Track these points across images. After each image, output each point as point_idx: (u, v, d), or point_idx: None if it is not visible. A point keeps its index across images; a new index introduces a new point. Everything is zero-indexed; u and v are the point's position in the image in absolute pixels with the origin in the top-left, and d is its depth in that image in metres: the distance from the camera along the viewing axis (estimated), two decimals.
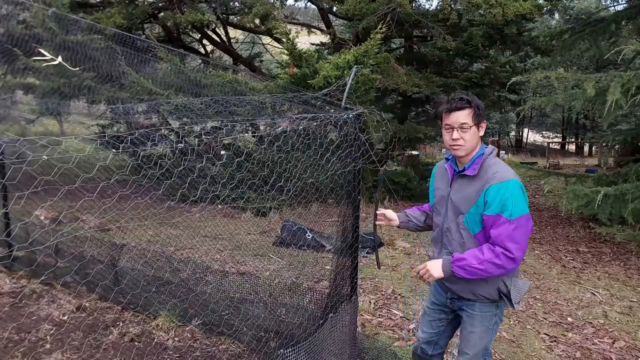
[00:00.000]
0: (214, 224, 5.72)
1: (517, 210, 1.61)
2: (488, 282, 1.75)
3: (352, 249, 2.29)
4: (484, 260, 1.61)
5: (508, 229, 1.60)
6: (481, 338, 1.82)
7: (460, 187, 1.76)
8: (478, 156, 1.73)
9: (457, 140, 1.70)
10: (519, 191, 1.64)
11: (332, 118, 2.16)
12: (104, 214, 4.91)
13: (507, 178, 1.64)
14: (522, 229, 1.62)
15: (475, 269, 1.63)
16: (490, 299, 1.77)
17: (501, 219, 1.61)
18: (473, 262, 1.62)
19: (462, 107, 1.68)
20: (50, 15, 5.18)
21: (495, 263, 1.60)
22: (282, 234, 5.10)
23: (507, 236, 1.60)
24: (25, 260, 3.69)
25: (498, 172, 1.67)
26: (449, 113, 1.71)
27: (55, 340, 2.69)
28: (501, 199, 1.62)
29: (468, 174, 1.72)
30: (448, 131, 1.73)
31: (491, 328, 1.83)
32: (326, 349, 2.26)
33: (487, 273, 1.63)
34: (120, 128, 7.49)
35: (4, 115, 4.87)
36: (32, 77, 6.11)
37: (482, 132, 1.74)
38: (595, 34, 6.76)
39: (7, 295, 3.30)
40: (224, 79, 5.90)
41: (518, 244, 1.61)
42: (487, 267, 1.61)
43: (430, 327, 2.03)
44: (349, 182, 2.20)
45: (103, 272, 3.19)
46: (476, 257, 1.63)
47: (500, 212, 1.61)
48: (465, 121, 1.69)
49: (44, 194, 2.03)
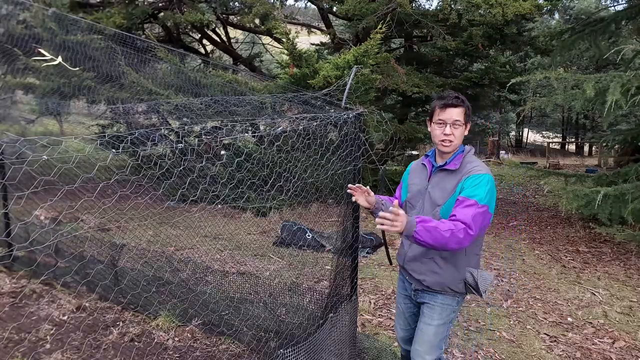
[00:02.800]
0: (214, 224, 5.72)
1: (487, 199, 1.68)
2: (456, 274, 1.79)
3: (352, 249, 2.29)
4: (448, 229, 1.58)
5: (475, 211, 1.64)
6: (436, 332, 1.84)
7: (439, 180, 1.82)
8: (459, 153, 1.82)
9: (449, 136, 1.76)
10: (492, 186, 1.73)
11: (332, 118, 2.16)
12: (104, 213, 4.92)
13: (484, 172, 1.74)
14: (482, 217, 1.67)
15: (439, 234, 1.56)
16: (456, 291, 1.82)
17: (471, 201, 1.66)
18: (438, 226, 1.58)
19: (457, 105, 1.76)
20: (50, 15, 5.18)
21: (457, 236, 1.58)
22: (282, 234, 5.10)
23: (472, 216, 1.64)
24: (25, 260, 3.69)
25: (477, 166, 1.76)
26: (444, 108, 1.76)
27: (55, 340, 2.69)
28: (476, 185, 1.69)
29: (449, 168, 1.80)
30: (440, 126, 1.78)
31: (447, 324, 1.87)
32: (326, 349, 2.26)
33: (445, 242, 1.57)
34: (120, 128, 7.49)
35: (4, 115, 4.87)
36: (32, 77, 6.11)
37: (466, 132, 1.82)
38: (595, 33, 6.76)
39: (7, 295, 3.30)
40: (224, 79, 5.90)
41: (476, 227, 1.64)
42: (450, 237, 1.57)
43: (407, 324, 2.05)
44: (349, 182, 2.20)
45: (103, 272, 3.19)
46: (441, 224, 1.60)
47: (472, 195, 1.68)
48: (458, 118, 1.76)
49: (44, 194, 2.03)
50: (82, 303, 3.15)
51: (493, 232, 6.27)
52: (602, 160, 15.41)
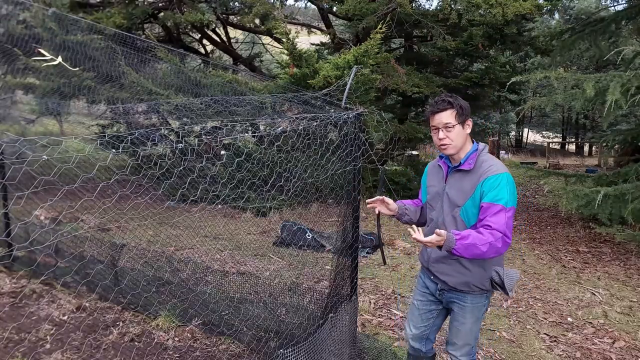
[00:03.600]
0: (214, 224, 5.72)
1: (512, 200, 1.71)
2: (482, 273, 1.82)
3: (352, 249, 2.29)
4: (486, 242, 1.64)
5: (505, 216, 1.68)
6: (471, 329, 1.91)
7: (455, 181, 1.84)
8: (472, 152, 1.83)
9: (444, 140, 1.80)
10: (512, 184, 1.75)
11: (332, 118, 2.16)
12: (104, 213, 4.92)
13: (502, 171, 1.75)
14: (512, 218, 1.72)
15: (477, 249, 1.63)
16: (483, 289, 1.85)
17: (498, 207, 1.69)
18: (477, 242, 1.64)
19: (444, 109, 1.79)
20: (50, 15, 5.18)
21: (496, 246, 1.65)
22: (282, 234, 5.10)
23: (504, 223, 1.68)
24: (25, 260, 3.69)
25: (493, 165, 1.77)
26: (433, 115, 1.82)
27: (56, 340, 2.69)
28: (498, 188, 1.71)
29: (464, 169, 1.81)
30: (434, 132, 1.84)
31: (480, 317, 1.92)
32: (326, 349, 2.26)
33: (482, 254, 1.65)
34: (120, 128, 7.49)
35: (4, 115, 4.87)
36: (32, 77, 6.11)
37: (468, 129, 1.83)
38: (595, 34, 6.76)
39: (7, 295, 3.30)
40: (224, 79, 5.90)
41: (511, 232, 1.70)
42: (488, 249, 1.64)
43: (421, 321, 2.05)
44: (348, 182, 2.20)
45: (103, 272, 3.19)
46: (479, 238, 1.65)
47: (497, 200, 1.70)
48: (448, 121, 1.78)
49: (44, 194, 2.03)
50: (82, 303, 3.16)
51: None
52: (602, 160, 15.41)
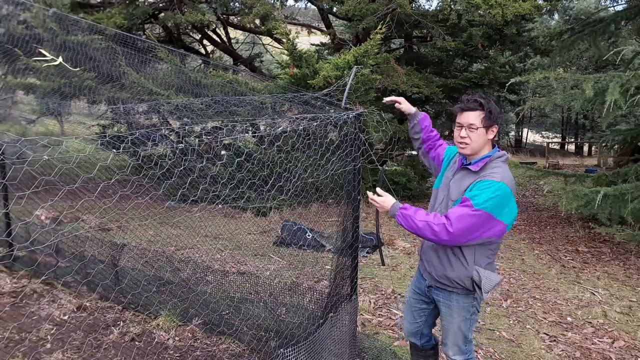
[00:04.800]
0: (214, 224, 5.72)
1: (485, 205, 1.66)
2: (464, 270, 1.82)
3: (352, 249, 2.30)
4: (424, 220, 1.70)
5: (464, 210, 1.67)
6: (460, 328, 1.92)
7: (460, 178, 1.85)
8: (486, 156, 1.81)
9: (464, 139, 1.80)
10: (502, 195, 1.68)
11: (332, 118, 2.17)
12: (104, 213, 4.93)
13: (498, 179, 1.71)
14: (476, 220, 1.66)
15: (413, 222, 1.72)
16: (465, 288, 1.85)
17: (467, 202, 1.69)
18: (415, 217, 1.72)
19: (473, 109, 1.78)
20: (51, 16, 5.19)
21: (433, 229, 1.68)
22: (282, 233, 5.11)
23: (459, 214, 1.67)
24: (26, 260, 3.69)
25: (495, 173, 1.74)
26: (461, 112, 1.82)
27: (56, 340, 2.69)
28: (481, 190, 1.69)
29: (471, 169, 1.81)
30: (458, 129, 1.83)
31: (469, 318, 1.91)
32: (326, 349, 2.26)
33: (421, 233, 1.72)
34: (121, 128, 7.50)
35: (5, 116, 4.88)
36: (33, 77, 6.11)
37: (491, 135, 1.81)
38: (595, 34, 6.77)
39: (8, 295, 3.31)
40: (224, 79, 5.90)
41: (462, 228, 1.66)
42: (424, 227, 1.70)
43: (413, 318, 2.11)
44: (348, 182, 2.21)
45: (104, 271, 3.19)
46: (421, 214, 1.73)
47: (471, 197, 1.69)
48: (473, 122, 1.77)
49: (44, 194, 2.04)
50: (83, 303, 3.16)
51: None
52: (601, 160, 15.41)
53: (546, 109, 5.75)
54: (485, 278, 1.79)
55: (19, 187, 1.87)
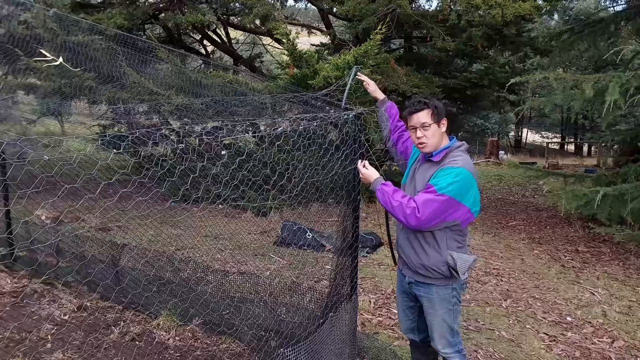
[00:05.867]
0: (214, 224, 5.73)
1: (447, 189, 1.76)
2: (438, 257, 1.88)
3: (352, 249, 2.31)
4: (400, 202, 1.80)
5: (428, 197, 1.77)
6: (444, 320, 1.96)
7: (424, 170, 1.96)
8: (446, 147, 1.93)
9: (421, 138, 1.91)
10: (463, 179, 1.79)
11: (332, 118, 2.18)
12: (105, 213, 4.93)
13: (459, 165, 1.82)
14: (439, 205, 1.76)
15: (389, 200, 1.82)
16: (443, 276, 1.91)
17: (430, 188, 1.79)
18: (392, 195, 1.82)
19: (420, 109, 1.91)
20: (52, 16, 5.19)
21: (405, 211, 1.78)
22: (283, 233, 5.11)
23: (424, 199, 1.77)
24: (26, 260, 3.70)
25: (456, 160, 1.85)
26: (410, 115, 1.94)
27: (57, 340, 2.70)
28: (443, 176, 1.80)
29: (433, 160, 1.92)
30: (412, 131, 1.95)
31: (451, 309, 1.96)
32: (326, 348, 2.27)
33: (394, 212, 1.82)
34: (122, 128, 7.51)
35: (6, 116, 4.88)
36: (34, 77, 6.11)
37: (443, 128, 1.93)
38: (595, 34, 6.78)
39: (9, 294, 3.31)
40: (224, 80, 5.91)
41: (427, 212, 1.75)
42: (397, 206, 1.80)
43: (405, 315, 2.17)
44: (348, 182, 2.21)
45: (104, 271, 3.20)
46: (398, 195, 1.83)
47: (434, 183, 1.80)
48: (425, 120, 1.90)
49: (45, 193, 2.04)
50: (83, 303, 3.17)
51: (492, 232, 6.29)
52: (601, 160, 15.42)
53: (546, 109, 5.76)
54: (459, 259, 1.86)
55: (20, 187, 1.87)
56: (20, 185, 1.87)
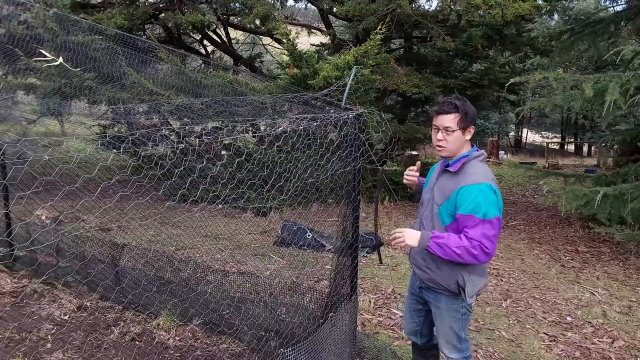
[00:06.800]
0: (214, 224, 5.73)
1: (485, 210, 1.70)
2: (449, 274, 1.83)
3: (352, 249, 2.31)
4: (462, 246, 1.69)
5: (483, 228, 1.69)
6: (451, 328, 1.93)
7: (443, 181, 1.88)
8: (463, 156, 1.84)
9: (441, 141, 1.83)
10: (491, 194, 1.73)
11: (332, 118, 2.18)
12: (105, 213, 4.93)
13: (479, 181, 1.73)
14: (495, 229, 1.72)
15: (452, 250, 1.70)
16: (451, 291, 1.86)
17: (475, 220, 1.70)
18: (451, 244, 1.70)
19: (448, 111, 1.80)
20: (52, 16, 5.19)
21: (472, 252, 1.69)
22: (283, 233, 5.11)
23: (482, 234, 1.69)
24: (26, 260, 3.70)
25: (474, 174, 1.76)
26: (437, 115, 1.84)
27: (57, 340, 2.70)
28: (473, 200, 1.71)
29: (450, 170, 1.84)
30: (435, 131, 1.87)
31: (459, 318, 1.92)
32: (326, 348, 2.27)
33: (461, 259, 1.70)
34: (121, 128, 7.51)
35: (6, 116, 4.88)
36: (33, 77, 6.11)
37: (468, 136, 1.85)
38: (595, 34, 6.78)
39: (9, 294, 3.31)
40: (224, 80, 5.91)
41: (492, 242, 1.70)
42: (463, 252, 1.69)
43: (411, 317, 2.14)
44: (348, 182, 2.21)
45: (104, 271, 3.20)
46: (455, 241, 1.72)
47: (473, 212, 1.70)
48: (449, 125, 1.80)
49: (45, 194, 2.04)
50: (83, 303, 3.17)
51: None
52: (601, 160, 15.43)
53: (546, 110, 5.76)
54: (470, 283, 1.80)
55: (20, 187, 1.87)
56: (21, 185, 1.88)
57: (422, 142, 10.90)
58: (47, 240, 3.48)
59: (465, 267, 1.82)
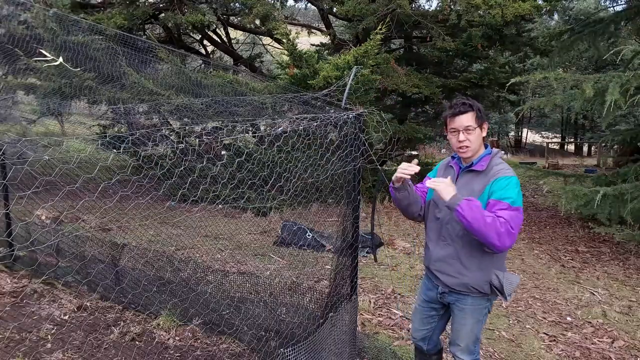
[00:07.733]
0: (214, 224, 5.73)
1: (518, 201, 1.73)
2: (482, 276, 1.81)
3: (352, 249, 2.31)
4: (491, 216, 1.64)
5: (511, 213, 1.69)
6: (472, 330, 1.91)
7: (466, 181, 1.85)
8: (486, 154, 1.86)
9: (464, 142, 1.80)
10: (519, 187, 1.78)
11: (332, 118, 2.18)
12: (105, 213, 4.93)
13: (512, 174, 1.79)
14: (519, 219, 1.72)
15: (482, 215, 1.62)
16: (482, 292, 1.84)
17: (504, 204, 1.70)
18: (482, 211, 1.66)
19: (465, 111, 1.80)
20: (51, 16, 5.19)
21: (498, 227, 1.63)
22: (283, 233, 5.11)
23: (510, 217, 1.68)
24: (26, 260, 3.70)
25: (504, 169, 1.81)
26: (453, 117, 1.82)
27: (57, 340, 2.70)
28: (506, 188, 1.74)
29: (476, 169, 1.83)
30: (454, 134, 1.84)
31: (481, 319, 1.92)
32: (326, 348, 2.27)
33: (485, 229, 1.62)
34: (121, 128, 7.51)
35: (6, 116, 4.88)
36: (34, 77, 6.12)
37: (484, 132, 1.86)
38: (594, 34, 6.78)
39: (9, 294, 3.31)
40: (224, 80, 5.91)
41: (515, 229, 1.70)
42: (491, 222, 1.62)
43: (422, 324, 2.10)
44: (348, 182, 2.21)
45: (104, 271, 3.20)
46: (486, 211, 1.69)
47: (504, 198, 1.72)
48: (469, 124, 1.80)
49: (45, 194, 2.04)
50: (83, 303, 3.17)
51: None
52: (601, 160, 15.44)
53: (546, 109, 5.76)
54: (506, 281, 1.78)
55: (20, 187, 1.87)
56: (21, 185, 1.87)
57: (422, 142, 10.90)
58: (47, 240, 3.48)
59: (495, 266, 1.81)
